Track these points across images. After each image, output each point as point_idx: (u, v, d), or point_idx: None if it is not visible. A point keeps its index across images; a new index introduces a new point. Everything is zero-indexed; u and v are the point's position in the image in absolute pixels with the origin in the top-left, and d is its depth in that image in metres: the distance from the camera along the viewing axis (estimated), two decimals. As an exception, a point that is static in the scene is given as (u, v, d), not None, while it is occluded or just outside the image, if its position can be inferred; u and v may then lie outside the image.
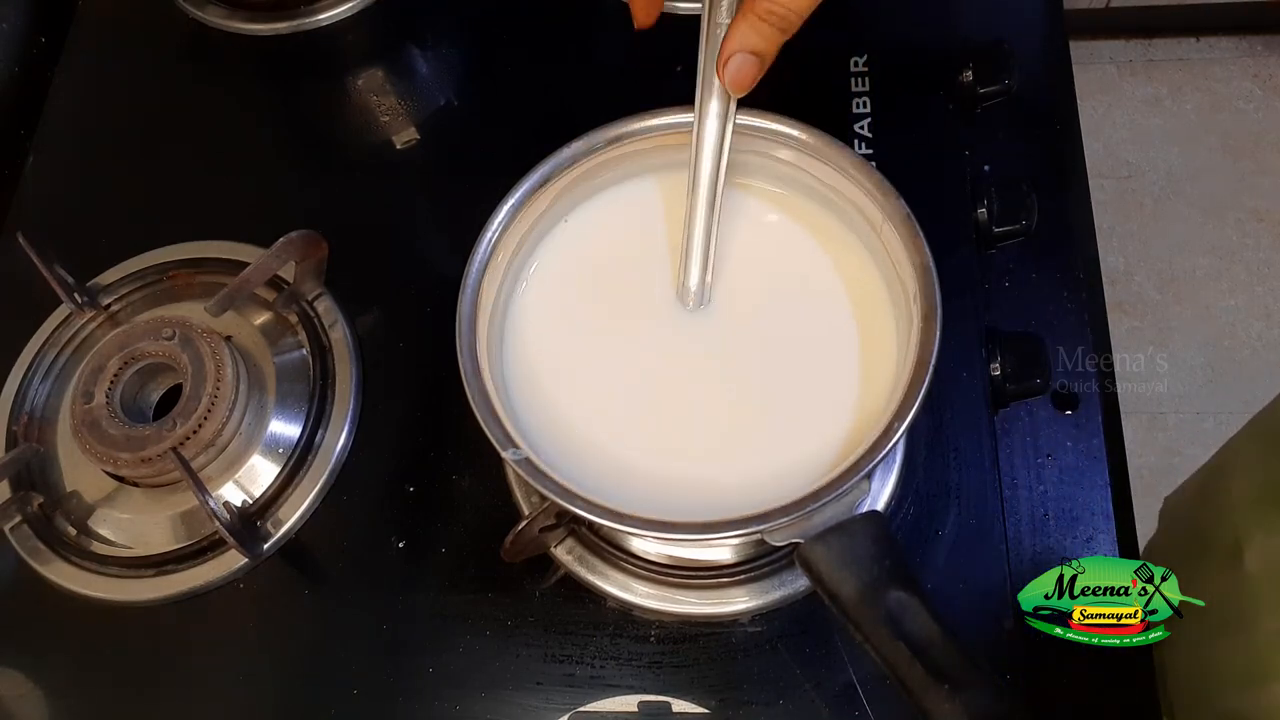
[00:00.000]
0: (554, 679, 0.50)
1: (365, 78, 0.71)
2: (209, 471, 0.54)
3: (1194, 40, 1.57)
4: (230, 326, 0.58)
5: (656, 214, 0.53)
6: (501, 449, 0.43)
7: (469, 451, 0.55)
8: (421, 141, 0.67)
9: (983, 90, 0.61)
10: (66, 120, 0.71)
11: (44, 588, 0.55)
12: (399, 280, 0.62)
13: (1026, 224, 0.57)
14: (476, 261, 0.48)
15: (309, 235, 0.57)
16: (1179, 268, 1.46)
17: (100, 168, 0.69)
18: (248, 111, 0.71)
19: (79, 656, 0.54)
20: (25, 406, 0.59)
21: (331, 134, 0.70)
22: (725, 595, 0.50)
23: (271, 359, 0.58)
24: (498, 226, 0.49)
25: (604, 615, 0.51)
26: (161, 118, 0.71)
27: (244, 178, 0.68)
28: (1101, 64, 1.57)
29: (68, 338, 0.61)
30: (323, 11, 0.71)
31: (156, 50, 0.74)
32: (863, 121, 0.61)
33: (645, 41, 0.49)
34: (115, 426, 0.53)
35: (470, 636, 0.51)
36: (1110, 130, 1.54)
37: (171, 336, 0.55)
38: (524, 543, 0.48)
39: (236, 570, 0.54)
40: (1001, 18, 0.65)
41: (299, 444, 0.56)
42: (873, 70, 0.63)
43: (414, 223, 0.65)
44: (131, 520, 0.55)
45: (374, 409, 0.58)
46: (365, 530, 0.55)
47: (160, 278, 0.62)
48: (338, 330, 0.59)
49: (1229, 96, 1.53)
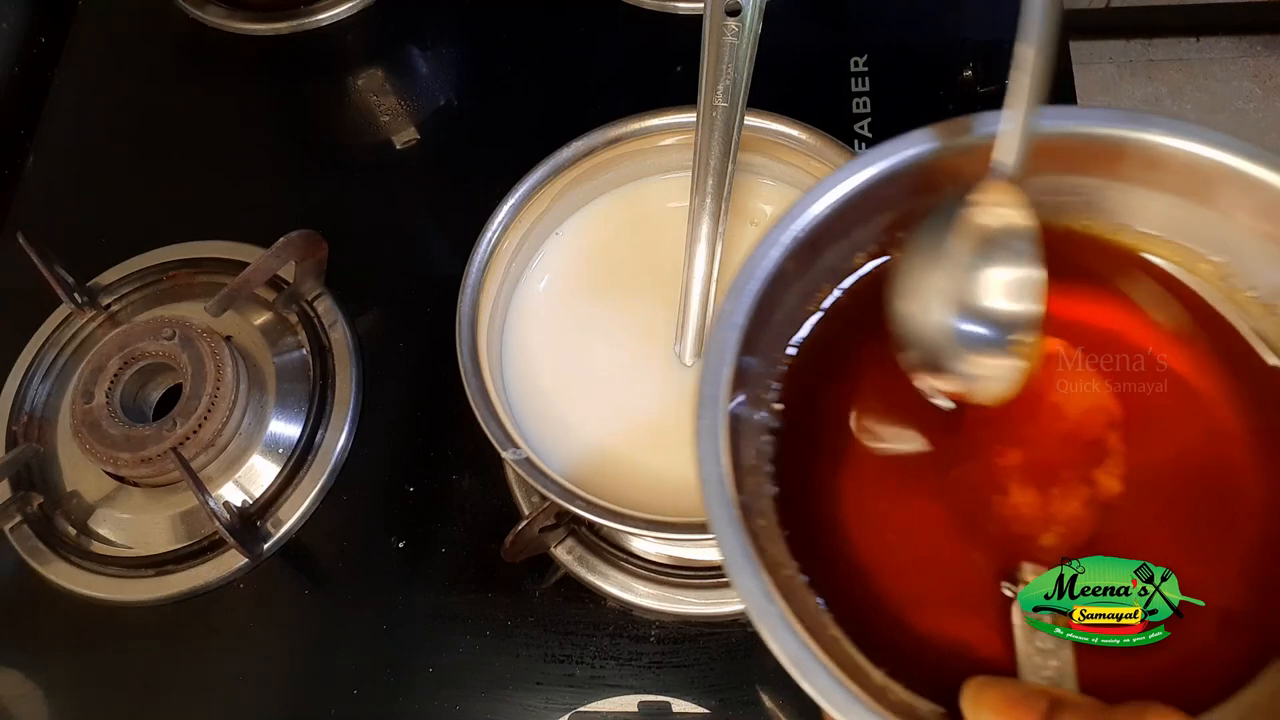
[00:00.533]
0: (554, 679, 0.50)
1: (365, 78, 0.71)
2: (209, 471, 0.54)
3: (1194, 40, 1.56)
4: (230, 326, 0.58)
5: (658, 213, 0.53)
6: (501, 449, 0.43)
7: (469, 451, 0.55)
8: (421, 141, 0.67)
9: (983, 90, 0.61)
10: (66, 120, 0.71)
11: (44, 588, 0.55)
12: (399, 280, 0.62)
13: (1026, 224, 0.57)
14: (476, 261, 0.48)
15: (309, 235, 0.57)
16: (1179, 268, 1.46)
17: (100, 168, 0.69)
18: (248, 111, 0.71)
19: (79, 656, 0.54)
20: (25, 406, 0.59)
21: (331, 134, 0.70)
22: (725, 595, 0.50)
23: (271, 359, 0.58)
24: (498, 227, 0.49)
25: (604, 615, 0.51)
26: (161, 118, 0.71)
27: (244, 178, 0.68)
28: (1101, 64, 1.57)
29: (68, 338, 0.61)
30: (323, 11, 0.71)
31: (156, 50, 0.74)
32: (863, 121, 0.61)
33: (645, 41, 0.49)
34: (115, 426, 0.53)
35: (470, 636, 0.51)
36: (1110, 130, 1.53)
37: (171, 336, 0.55)
38: (524, 543, 0.48)
39: (236, 570, 0.54)
40: (1001, 18, 0.65)
41: (299, 444, 0.56)
42: (873, 70, 0.63)
43: (414, 223, 0.65)
44: (131, 520, 0.55)
45: (374, 409, 0.58)
46: (365, 530, 0.55)
47: (160, 278, 0.62)
48: (338, 330, 0.59)
49: (1229, 96, 1.53)
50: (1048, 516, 0.34)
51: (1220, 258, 0.36)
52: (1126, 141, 0.35)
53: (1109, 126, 0.35)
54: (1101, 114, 0.35)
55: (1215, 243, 0.36)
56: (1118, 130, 0.35)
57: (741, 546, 0.29)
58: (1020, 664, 0.32)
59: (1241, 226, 0.35)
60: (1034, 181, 0.34)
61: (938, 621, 0.34)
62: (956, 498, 0.35)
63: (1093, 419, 0.36)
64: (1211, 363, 0.36)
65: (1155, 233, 0.37)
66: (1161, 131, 0.34)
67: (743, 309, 0.32)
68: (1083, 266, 0.38)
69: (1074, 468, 0.35)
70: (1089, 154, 0.36)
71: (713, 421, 0.31)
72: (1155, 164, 0.35)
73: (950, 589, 0.34)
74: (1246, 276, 0.36)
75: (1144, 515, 0.34)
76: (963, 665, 0.32)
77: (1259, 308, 0.36)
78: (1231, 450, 0.35)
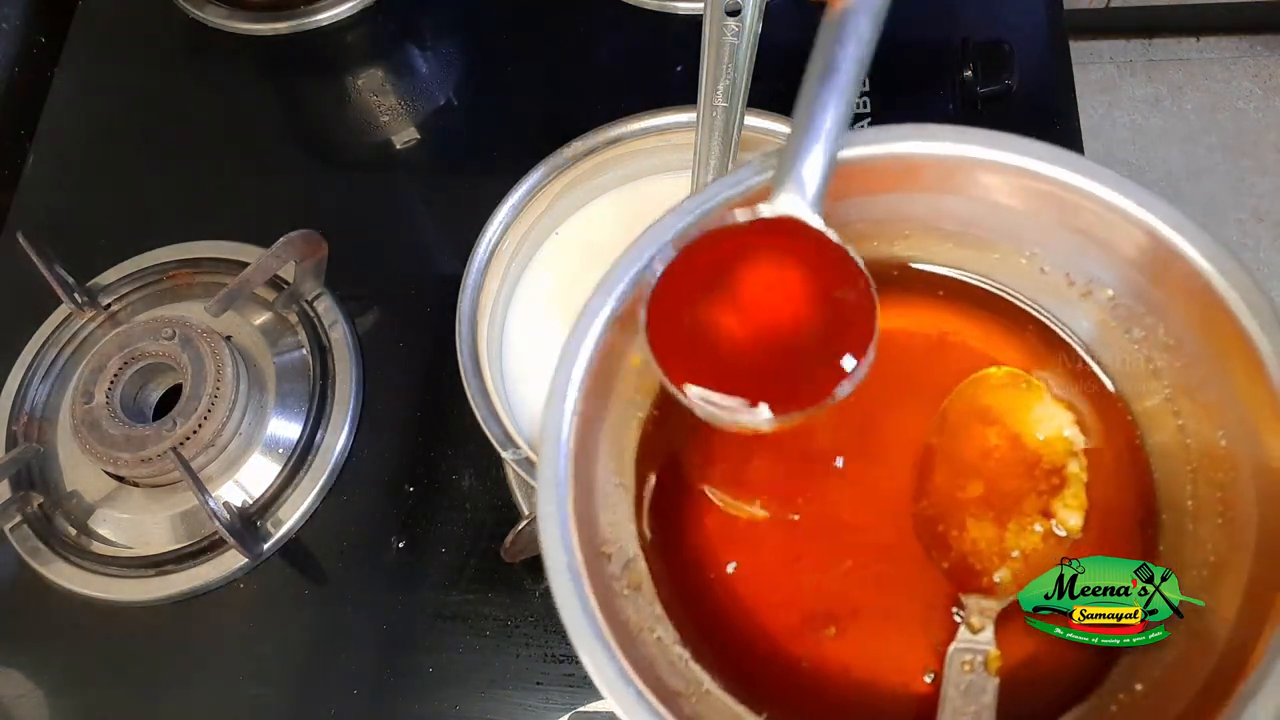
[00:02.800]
0: (554, 679, 0.50)
1: (365, 78, 0.71)
2: (209, 471, 0.54)
3: (1194, 40, 1.56)
4: (230, 326, 0.58)
5: (658, 213, 0.53)
6: (501, 449, 0.43)
7: (469, 451, 0.55)
8: (421, 141, 0.67)
9: (983, 90, 0.61)
10: (66, 120, 0.71)
11: (44, 588, 0.55)
12: (399, 280, 0.62)
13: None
14: (476, 261, 0.48)
15: (309, 235, 0.57)
16: (1179, 268, 1.46)
17: (100, 168, 0.69)
18: (248, 111, 0.71)
19: (79, 656, 0.54)
20: (25, 406, 0.59)
21: (331, 134, 0.70)
22: (725, 595, 0.50)
23: (271, 359, 0.58)
24: (498, 227, 0.49)
25: (604, 615, 0.51)
26: (161, 118, 0.71)
27: (244, 178, 0.68)
28: (1101, 64, 1.57)
29: (68, 338, 0.61)
30: (323, 11, 0.71)
31: (156, 50, 0.74)
32: (863, 121, 0.61)
33: (645, 41, 0.49)
34: (115, 426, 0.53)
35: (470, 636, 0.51)
36: (1110, 130, 1.53)
37: (171, 336, 0.55)
38: (524, 543, 0.48)
39: (236, 570, 0.54)
40: (1001, 18, 0.65)
41: (299, 444, 0.56)
42: (873, 70, 0.63)
43: (414, 223, 0.65)
44: (131, 520, 0.55)
45: (374, 409, 0.58)
46: (365, 530, 0.55)
47: (160, 278, 0.62)
48: (338, 330, 0.59)
49: (1229, 96, 1.53)
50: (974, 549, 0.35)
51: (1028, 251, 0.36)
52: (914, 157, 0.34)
53: (888, 145, 0.34)
54: (874, 133, 0.34)
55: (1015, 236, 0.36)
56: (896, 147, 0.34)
57: (597, 634, 0.29)
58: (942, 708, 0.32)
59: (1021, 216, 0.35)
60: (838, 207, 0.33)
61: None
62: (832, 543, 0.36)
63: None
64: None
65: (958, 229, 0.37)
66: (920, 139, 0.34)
67: (574, 385, 0.31)
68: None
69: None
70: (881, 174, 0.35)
71: (558, 507, 0.30)
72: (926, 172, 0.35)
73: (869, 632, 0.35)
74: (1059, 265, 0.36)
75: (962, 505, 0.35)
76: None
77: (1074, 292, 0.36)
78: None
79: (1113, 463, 0.36)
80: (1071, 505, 0.35)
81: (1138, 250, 0.32)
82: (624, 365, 0.34)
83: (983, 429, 0.36)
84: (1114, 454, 0.36)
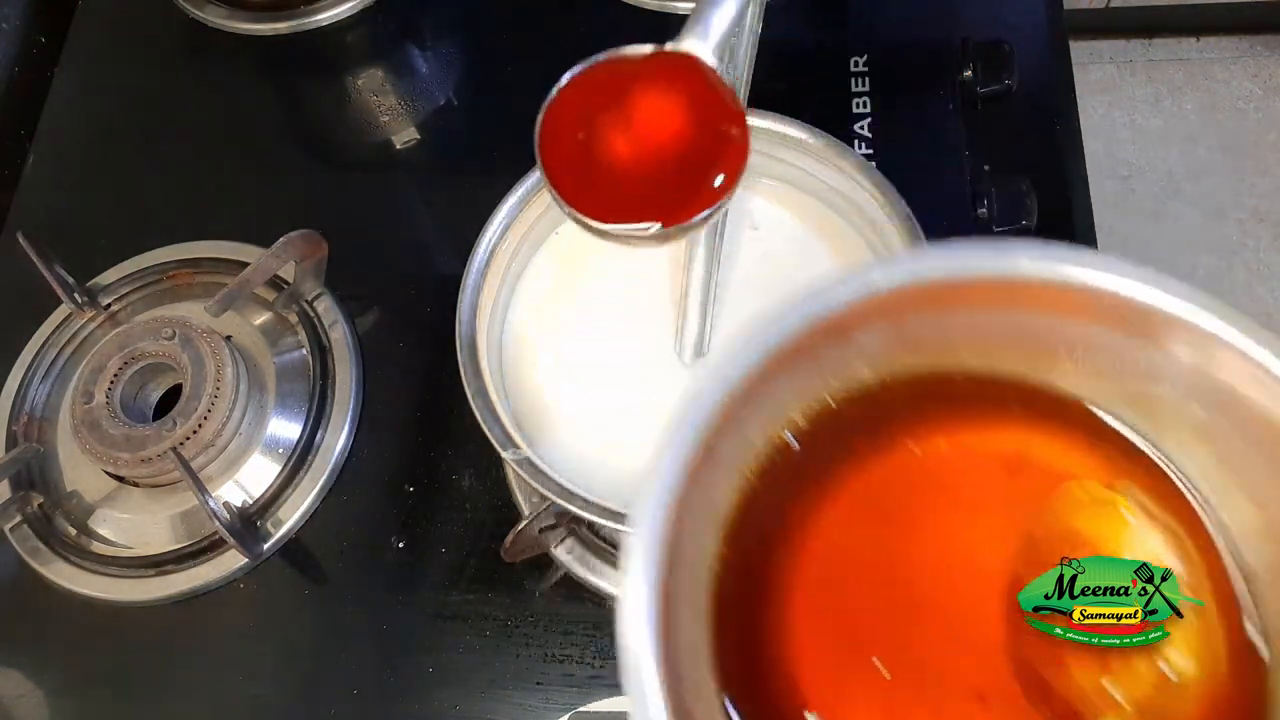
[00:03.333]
0: (554, 679, 0.50)
1: (365, 78, 0.71)
2: (209, 471, 0.54)
3: (1194, 40, 1.56)
4: (230, 326, 0.58)
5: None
6: (501, 449, 0.43)
7: (469, 451, 0.55)
8: (421, 141, 0.67)
9: (983, 90, 0.61)
10: (66, 120, 0.71)
11: (44, 588, 0.55)
12: (399, 280, 0.62)
13: (1026, 223, 0.57)
14: (476, 261, 0.48)
15: (309, 235, 0.57)
16: (1179, 268, 1.46)
17: (100, 168, 0.69)
18: (248, 111, 0.71)
19: (79, 656, 0.54)
20: (25, 406, 0.59)
21: (331, 134, 0.70)
22: (725, 595, 0.50)
23: (271, 359, 0.58)
24: (498, 227, 0.48)
25: (604, 615, 0.51)
26: (161, 117, 0.71)
27: (244, 178, 0.68)
28: (1101, 64, 1.57)
29: (68, 338, 0.61)
30: (323, 11, 0.71)
31: (156, 50, 0.74)
32: (863, 121, 0.61)
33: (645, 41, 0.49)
34: (115, 426, 0.53)
35: (470, 636, 0.51)
36: (1110, 130, 1.53)
37: (171, 336, 0.55)
38: (524, 543, 0.48)
39: (236, 570, 0.54)
40: (1001, 18, 0.65)
41: (299, 444, 0.56)
42: (873, 70, 0.63)
43: (414, 223, 0.65)
44: (131, 520, 0.55)
45: (374, 409, 0.58)
46: (365, 530, 0.55)
47: (160, 278, 0.62)
48: (338, 330, 0.59)
49: (1229, 96, 1.53)
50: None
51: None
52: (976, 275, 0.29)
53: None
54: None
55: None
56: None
57: None
58: None
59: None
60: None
61: None
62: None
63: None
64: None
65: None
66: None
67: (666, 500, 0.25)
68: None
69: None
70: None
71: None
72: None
73: None
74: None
75: None
76: None
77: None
78: None
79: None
80: (1178, 644, 0.31)
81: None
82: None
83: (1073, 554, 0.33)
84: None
